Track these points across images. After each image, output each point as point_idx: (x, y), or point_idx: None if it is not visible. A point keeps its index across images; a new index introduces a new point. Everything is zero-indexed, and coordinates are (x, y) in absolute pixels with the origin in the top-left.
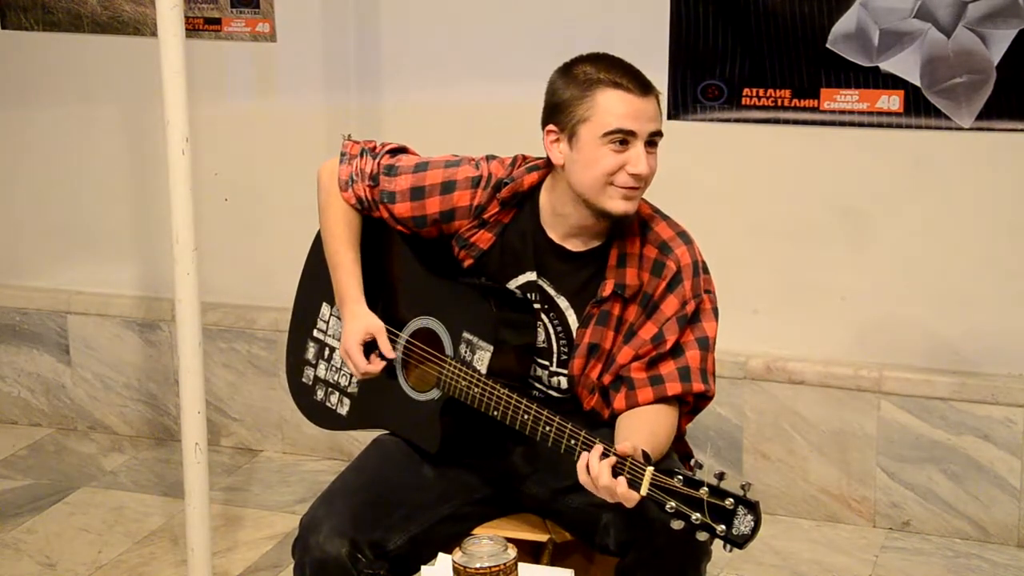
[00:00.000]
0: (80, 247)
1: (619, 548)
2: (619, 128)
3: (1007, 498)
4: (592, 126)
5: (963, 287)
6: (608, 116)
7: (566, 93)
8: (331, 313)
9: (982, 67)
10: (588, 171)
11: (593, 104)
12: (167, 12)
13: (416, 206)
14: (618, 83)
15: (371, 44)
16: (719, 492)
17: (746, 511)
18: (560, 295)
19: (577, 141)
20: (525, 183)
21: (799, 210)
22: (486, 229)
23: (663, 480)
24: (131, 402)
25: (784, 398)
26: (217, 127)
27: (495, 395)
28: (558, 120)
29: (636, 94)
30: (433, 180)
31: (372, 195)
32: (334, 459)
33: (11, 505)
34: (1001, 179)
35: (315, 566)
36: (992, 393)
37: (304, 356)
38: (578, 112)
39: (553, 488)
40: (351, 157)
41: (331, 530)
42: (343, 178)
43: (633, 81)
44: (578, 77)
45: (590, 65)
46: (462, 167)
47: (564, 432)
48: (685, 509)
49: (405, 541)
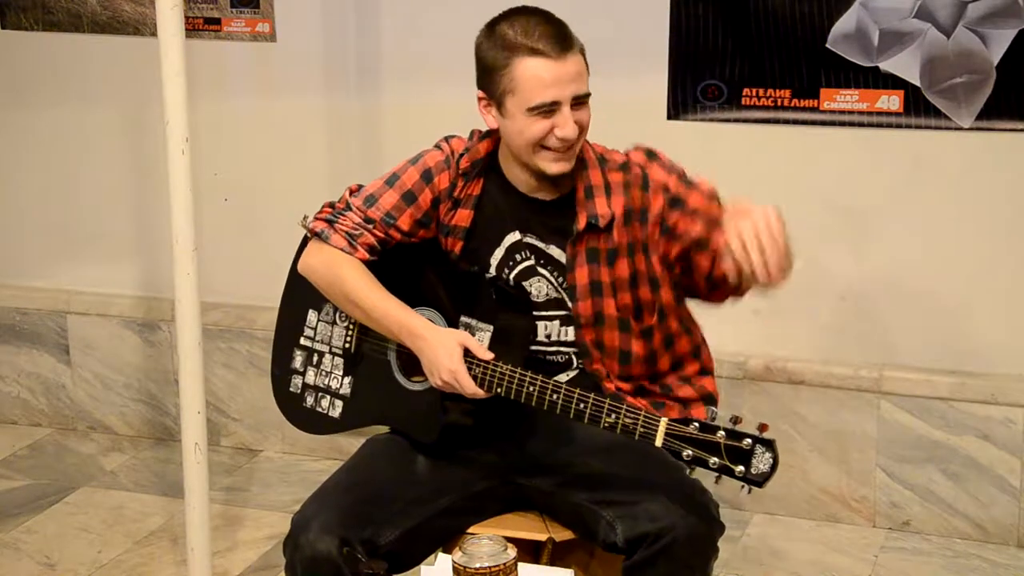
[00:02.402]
0: (80, 247)
1: (627, 545)
2: (540, 103)
3: (1007, 498)
4: (516, 99)
5: (963, 287)
6: (529, 90)
7: (489, 58)
8: (318, 319)
9: (982, 67)
10: (519, 138)
11: (513, 76)
12: (167, 12)
13: (414, 209)
14: (535, 49)
15: (371, 44)
16: (735, 434)
17: (764, 449)
18: (549, 245)
19: (506, 110)
20: (481, 150)
21: (799, 210)
22: (461, 207)
23: (678, 429)
24: (131, 402)
25: (784, 398)
26: (217, 127)
27: (497, 372)
28: (486, 87)
29: (554, 58)
30: (412, 178)
31: (379, 232)
32: (334, 459)
33: (11, 505)
34: (1001, 179)
35: (306, 564)
36: (992, 393)
37: (291, 366)
38: (502, 83)
39: (555, 483)
40: (328, 228)
41: (321, 528)
42: (341, 245)
43: (550, 43)
44: (498, 42)
45: (508, 26)
46: (427, 155)
47: (572, 397)
48: (703, 454)
49: (397, 537)
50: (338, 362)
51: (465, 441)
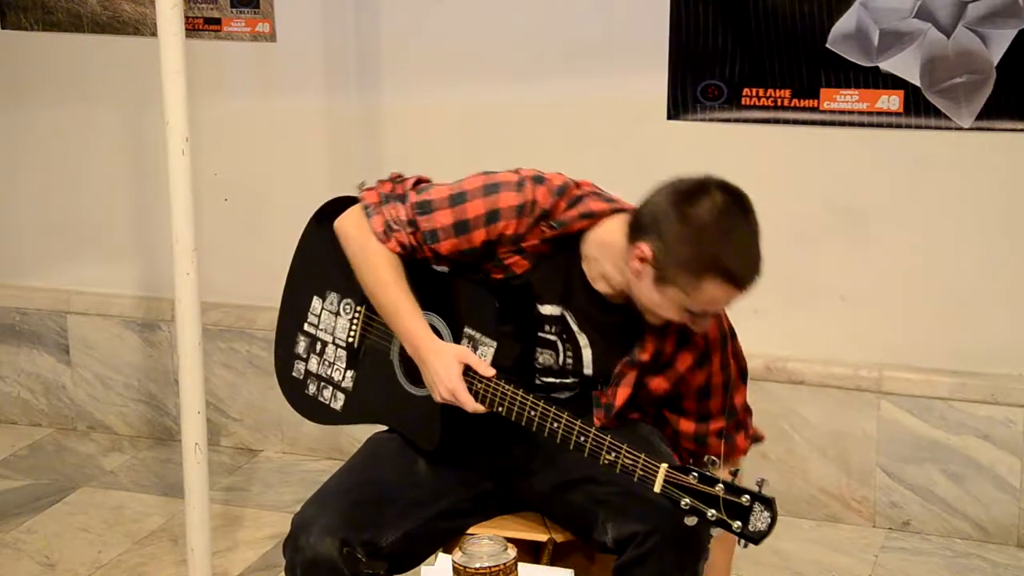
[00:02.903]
0: (80, 247)
1: (616, 546)
2: (703, 312)
3: (1007, 498)
4: (684, 298)
5: (963, 287)
6: (702, 303)
7: (676, 246)
8: (322, 307)
9: (982, 67)
10: (652, 307)
11: (697, 288)
12: (167, 12)
13: (461, 240)
14: (732, 276)
15: (371, 45)
16: (735, 489)
17: (762, 507)
18: (582, 332)
19: (663, 289)
20: (575, 228)
21: (799, 210)
22: (523, 256)
23: (678, 477)
24: (131, 402)
25: (784, 398)
26: (217, 127)
27: (499, 391)
28: (656, 253)
29: (740, 288)
30: (476, 211)
31: (415, 240)
32: (334, 459)
33: (11, 505)
34: (1001, 179)
35: (306, 566)
36: (992, 393)
37: (294, 350)
38: (679, 279)
39: (553, 483)
40: (376, 206)
41: (322, 530)
42: (378, 230)
43: (747, 279)
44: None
45: (715, 227)
46: (503, 192)
47: (573, 429)
48: (700, 505)
49: (398, 538)
50: (341, 354)
51: (466, 444)
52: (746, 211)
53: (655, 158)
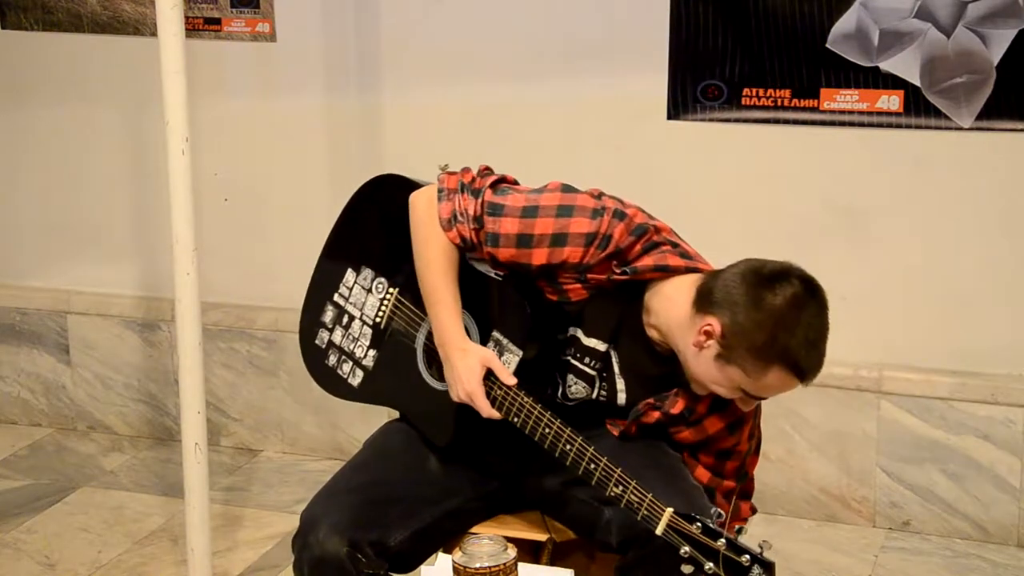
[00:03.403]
0: (80, 247)
1: (620, 545)
2: (758, 395)
3: (1007, 498)
4: (745, 380)
5: (963, 287)
6: (762, 387)
7: (749, 329)
8: (356, 280)
9: (982, 67)
10: (707, 380)
11: (762, 373)
12: (167, 12)
13: (521, 253)
14: (799, 368)
15: (371, 45)
16: (736, 548)
17: (761, 571)
18: (621, 377)
19: (724, 368)
20: (646, 276)
21: (799, 210)
22: (584, 286)
23: (681, 524)
24: (131, 402)
25: (784, 398)
26: (217, 127)
27: (517, 402)
28: (725, 332)
29: (801, 382)
30: (543, 230)
31: (477, 237)
32: (334, 459)
33: (11, 505)
34: (1001, 179)
35: (313, 563)
36: (992, 393)
37: (320, 318)
38: (745, 363)
39: (559, 481)
40: (449, 192)
41: (330, 529)
42: (444, 216)
43: (812, 372)
44: (772, 329)
45: (790, 319)
46: (576, 217)
47: (584, 455)
48: (699, 557)
49: (406, 538)
50: (366, 332)
51: (476, 443)
52: (822, 307)
53: (655, 158)
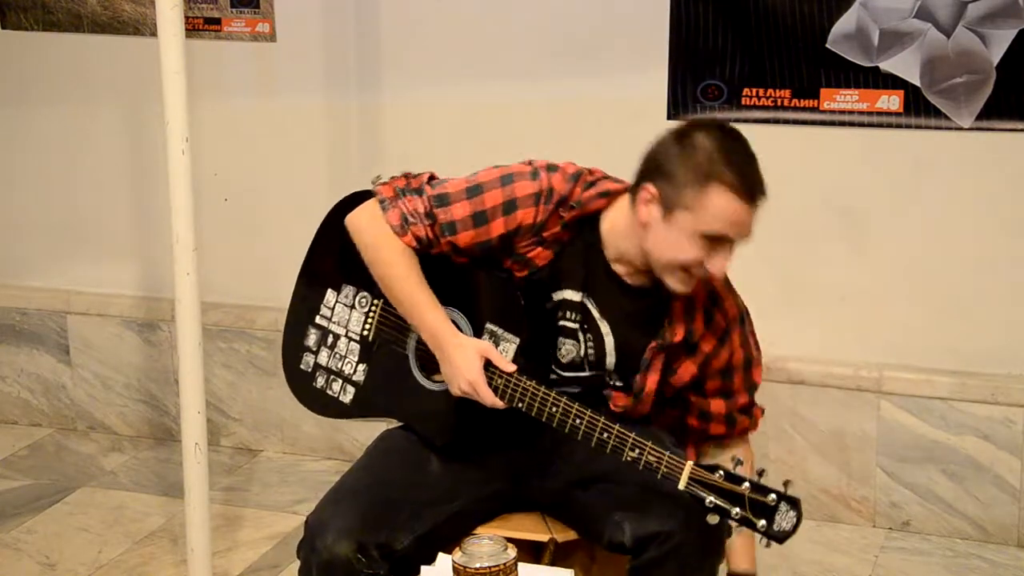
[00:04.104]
0: (80, 247)
1: (635, 545)
2: (719, 233)
3: (1007, 498)
4: (694, 219)
5: (963, 287)
6: (714, 219)
7: (680, 170)
8: (336, 300)
9: (982, 67)
10: (668, 251)
11: (704, 200)
12: (167, 12)
13: (480, 232)
14: (736, 187)
15: (371, 44)
16: (761, 488)
17: (788, 507)
18: (603, 319)
19: (672, 220)
20: (591, 209)
21: (799, 210)
22: (544, 247)
23: (703, 475)
24: (131, 402)
25: (784, 398)
26: (217, 127)
27: (520, 387)
28: (661, 188)
29: (748, 203)
30: (493, 202)
31: (432, 232)
32: (334, 459)
33: (11, 505)
34: (1001, 179)
35: (321, 568)
36: (992, 393)
37: (304, 343)
38: (686, 198)
39: (565, 483)
40: (391, 199)
41: (339, 532)
42: (395, 223)
43: (751, 187)
44: (697, 159)
45: (715, 148)
46: (518, 182)
47: (596, 426)
48: (725, 504)
49: (412, 541)
50: (354, 347)
51: (478, 443)
52: (740, 137)
53: None
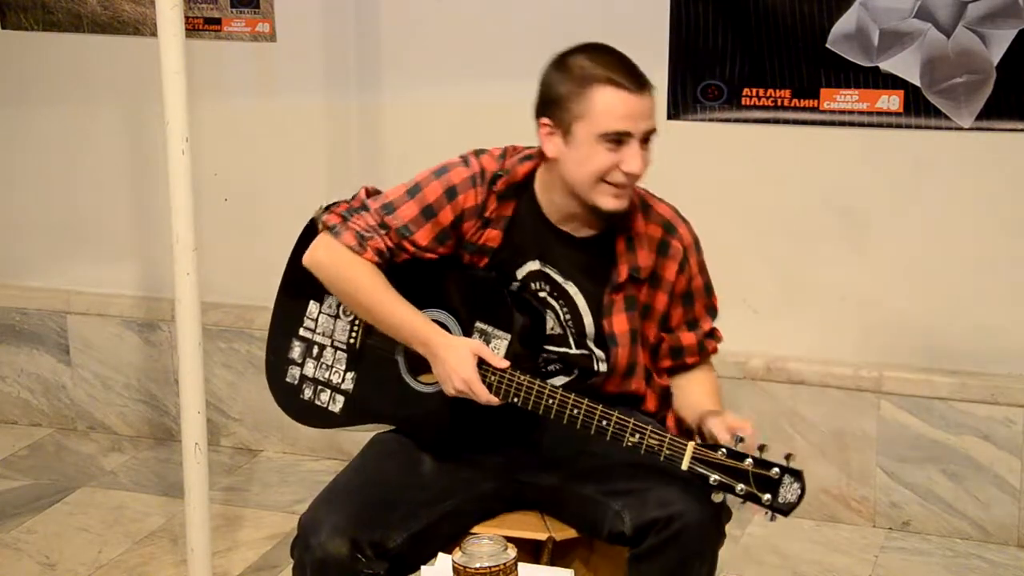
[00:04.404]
0: (80, 247)
1: (635, 534)
2: (615, 130)
3: (1007, 498)
4: (588, 125)
5: (963, 287)
6: (604, 117)
7: (561, 88)
8: (320, 311)
9: (982, 67)
10: (582, 168)
11: (589, 103)
12: (167, 12)
13: (433, 224)
14: (614, 80)
15: (371, 44)
16: (763, 463)
17: (792, 479)
18: (567, 280)
19: (572, 138)
20: (519, 173)
21: (799, 210)
22: (491, 227)
23: (706, 454)
24: (131, 402)
25: (784, 398)
26: (217, 127)
27: (515, 382)
28: (553, 114)
29: (632, 91)
30: (435, 194)
31: (390, 240)
32: (334, 459)
33: (11, 505)
34: (1001, 179)
35: (315, 566)
36: (992, 393)
37: (288, 355)
38: (574, 109)
39: (560, 479)
40: (342, 224)
41: (332, 530)
42: (351, 243)
43: (629, 77)
44: (573, 71)
45: (585, 58)
46: (452, 170)
47: (594, 414)
48: (730, 481)
49: (406, 539)
50: (340, 356)
51: (472, 443)
52: (610, 47)
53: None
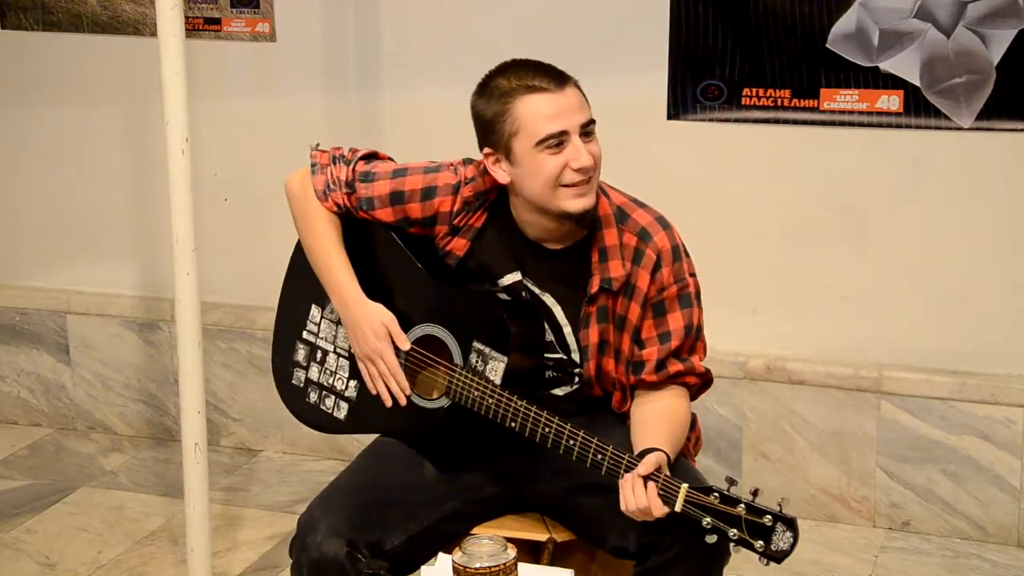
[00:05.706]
0: (80, 247)
1: (640, 551)
2: (548, 133)
3: (1007, 498)
4: (523, 138)
5: (963, 287)
6: (534, 124)
7: (488, 113)
8: (322, 315)
9: (982, 67)
10: (535, 181)
11: (516, 117)
12: (167, 12)
13: (396, 211)
14: (532, 87)
15: (371, 44)
16: (756, 510)
17: (784, 527)
18: (545, 292)
19: (515, 157)
20: (487, 183)
21: (799, 210)
22: (459, 236)
23: (699, 497)
24: (131, 402)
25: (784, 398)
26: (217, 127)
27: (512, 407)
28: (490, 141)
29: (553, 90)
30: (413, 186)
31: (350, 202)
32: (334, 459)
33: (11, 505)
34: (1001, 179)
35: (312, 566)
36: (992, 393)
37: (293, 358)
38: (506, 129)
39: (565, 488)
40: (322, 166)
41: (329, 530)
42: (319, 188)
43: (545, 78)
44: (493, 93)
45: (501, 77)
46: (442, 173)
47: (589, 447)
48: (722, 525)
49: (403, 541)
50: (343, 363)
51: (473, 450)
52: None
53: (655, 158)
